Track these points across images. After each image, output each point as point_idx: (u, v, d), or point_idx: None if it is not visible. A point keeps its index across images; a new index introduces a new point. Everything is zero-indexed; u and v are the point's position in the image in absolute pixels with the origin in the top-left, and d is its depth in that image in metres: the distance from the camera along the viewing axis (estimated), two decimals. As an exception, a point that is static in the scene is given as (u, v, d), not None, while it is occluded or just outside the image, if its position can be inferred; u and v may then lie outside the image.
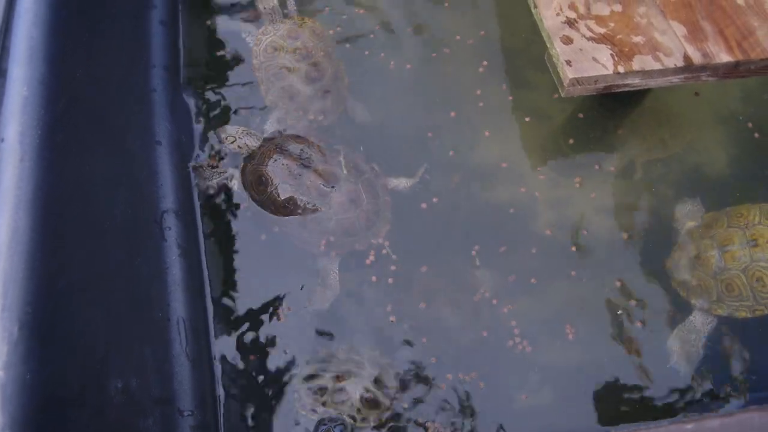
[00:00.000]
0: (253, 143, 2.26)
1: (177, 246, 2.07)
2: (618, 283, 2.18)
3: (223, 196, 2.27)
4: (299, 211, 2.15)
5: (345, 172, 2.19)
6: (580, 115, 2.56)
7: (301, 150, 2.20)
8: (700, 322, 2.05)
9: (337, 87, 2.44)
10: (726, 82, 2.54)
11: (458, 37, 2.67)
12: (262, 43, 2.40)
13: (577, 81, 2.07)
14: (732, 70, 2.13)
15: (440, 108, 2.53)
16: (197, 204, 2.21)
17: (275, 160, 2.19)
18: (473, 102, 2.54)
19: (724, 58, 2.08)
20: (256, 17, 2.55)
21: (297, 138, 2.27)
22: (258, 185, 2.20)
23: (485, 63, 2.62)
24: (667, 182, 2.40)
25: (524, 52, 2.65)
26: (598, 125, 2.55)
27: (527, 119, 2.51)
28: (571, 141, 2.51)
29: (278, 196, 2.16)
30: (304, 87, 2.36)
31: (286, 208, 2.16)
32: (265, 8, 2.53)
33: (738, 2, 2.22)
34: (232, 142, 2.25)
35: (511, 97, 2.56)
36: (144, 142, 2.12)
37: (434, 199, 2.31)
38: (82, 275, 1.65)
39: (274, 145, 2.23)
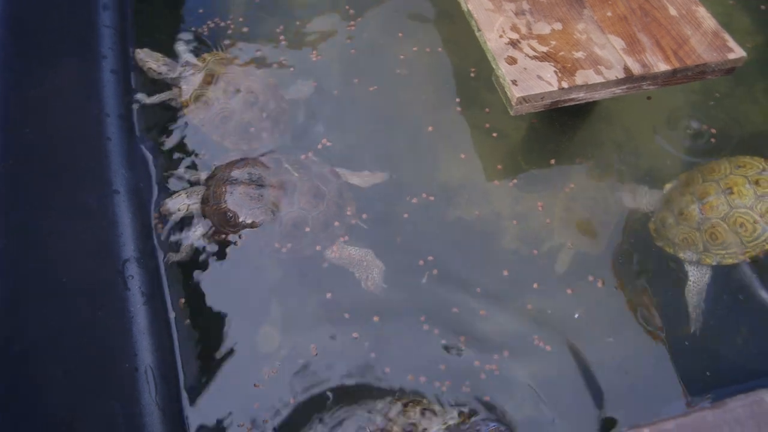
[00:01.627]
0: (197, 197, 2.28)
1: (141, 294, 2.05)
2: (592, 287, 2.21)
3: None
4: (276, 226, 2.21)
5: (296, 175, 2.27)
6: (535, 131, 2.62)
7: (249, 173, 2.24)
8: (696, 281, 2.14)
9: (273, 93, 2.55)
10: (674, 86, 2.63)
11: (411, 64, 2.74)
12: (191, 105, 2.46)
13: (524, 99, 2.12)
14: (671, 78, 2.21)
15: (401, 131, 2.58)
16: (159, 249, 2.20)
17: (231, 193, 2.21)
18: (432, 124, 2.59)
19: (662, 67, 2.16)
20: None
21: (236, 164, 2.30)
22: (227, 223, 2.21)
23: (439, 86, 2.68)
24: (624, 187, 2.46)
25: (477, 74, 2.72)
26: (553, 139, 2.61)
27: (485, 138, 2.57)
28: (528, 157, 2.56)
29: (252, 223, 2.19)
30: (248, 113, 2.45)
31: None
32: (151, 68, 2.53)
33: (671, 13, 2.32)
34: (179, 211, 2.27)
35: (467, 118, 2.62)
36: (101, 192, 2.11)
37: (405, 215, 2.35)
38: (41, 335, 1.63)
39: (220, 180, 2.25)
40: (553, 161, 2.53)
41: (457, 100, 2.66)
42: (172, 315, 2.11)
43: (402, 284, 2.19)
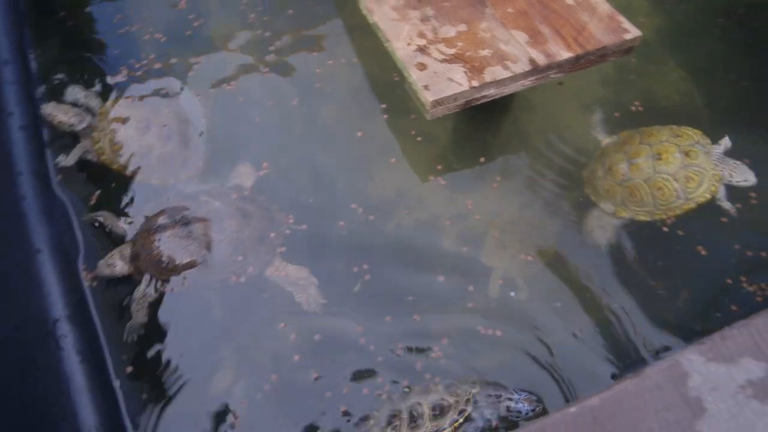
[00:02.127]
0: (127, 253, 2.23)
1: (76, 352, 1.98)
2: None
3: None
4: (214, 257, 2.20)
5: (217, 202, 2.27)
6: (462, 131, 2.66)
7: (170, 216, 2.23)
8: (611, 220, 2.31)
9: (188, 125, 2.56)
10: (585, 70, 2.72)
11: (330, 78, 2.75)
12: (107, 152, 2.42)
13: (437, 102, 2.16)
14: (575, 64, 2.28)
15: (331, 145, 2.59)
16: (92, 303, 2.13)
17: (159, 240, 2.17)
18: (361, 134, 2.60)
19: (565, 54, 2.23)
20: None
21: (157, 215, 2.27)
22: (166, 270, 2.17)
23: (363, 96, 2.70)
24: (553, 171, 2.52)
25: (399, 82, 2.75)
26: (479, 137, 2.65)
27: (415, 143, 2.59)
28: (458, 157, 2.59)
29: (190, 262, 2.18)
30: (167, 145, 2.46)
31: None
32: (61, 121, 2.48)
33: (568, 2, 2.40)
34: (114, 267, 2.20)
35: (395, 125, 2.64)
36: (20, 253, 2.03)
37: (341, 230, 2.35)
38: (-36, 412, 1.55)
39: (145, 232, 2.23)
40: (482, 159, 2.57)
41: (383, 106, 2.69)
42: (112, 369, 2.04)
43: (338, 296, 2.19)
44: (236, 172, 2.46)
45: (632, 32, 2.29)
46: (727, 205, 2.19)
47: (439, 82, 2.18)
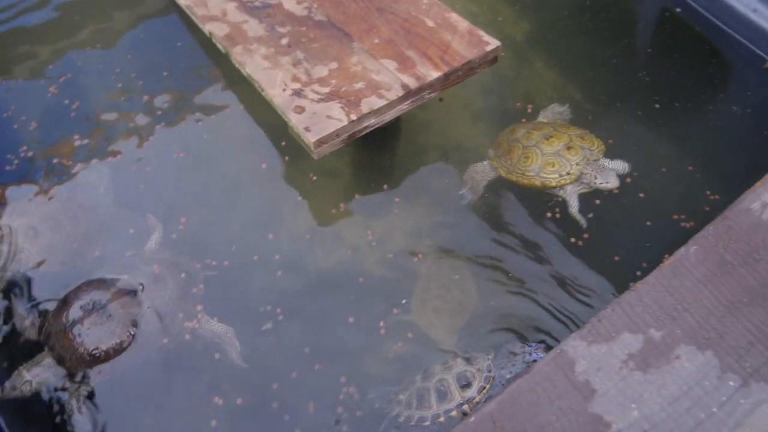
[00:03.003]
0: (49, 367, 2.11)
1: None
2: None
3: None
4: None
5: (125, 276, 2.23)
6: (362, 163, 2.70)
7: (81, 306, 2.13)
8: (480, 168, 2.58)
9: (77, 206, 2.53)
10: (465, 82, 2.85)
11: (217, 131, 2.76)
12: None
13: (321, 141, 2.20)
14: (446, 82, 2.39)
15: (237, 196, 2.57)
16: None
17: (79, 334, 2.07)
18: (266, 180, 2.61)
19: (434, 74, 2.33)
20: None
21: (62, 310, 2.16)
22: (98, 361, 2.08)
23: (258, 143, 2.71)
24: (453, 182, 2.59)
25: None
26: (378, 164, 2.71)
27: (319, 182, 2.61)
28: (363, 189, 2.63)
29: (120, 344, 2.10)
30: (70, 228, 2.43)
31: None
32: None
33: (429, 25, 2.52)
34: (29, 387, 2.07)
35: (298, 167, 2.65)
36: None
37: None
38: None
39: (59, 332, 2.10)
40: (385, 186, 2.62)
41: (283, 144, 2.69)
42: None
43: (254, 349, 2.17)
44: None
45: (492, 43, 2.42)
46: (576, 214, 2.36)
47: (319, 122, 2.22)
